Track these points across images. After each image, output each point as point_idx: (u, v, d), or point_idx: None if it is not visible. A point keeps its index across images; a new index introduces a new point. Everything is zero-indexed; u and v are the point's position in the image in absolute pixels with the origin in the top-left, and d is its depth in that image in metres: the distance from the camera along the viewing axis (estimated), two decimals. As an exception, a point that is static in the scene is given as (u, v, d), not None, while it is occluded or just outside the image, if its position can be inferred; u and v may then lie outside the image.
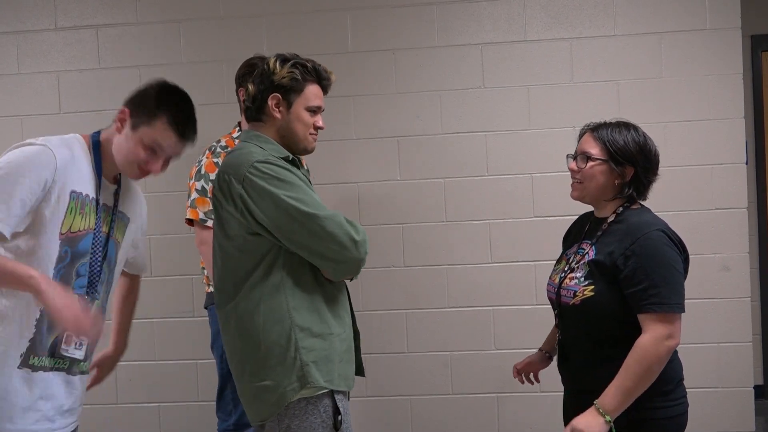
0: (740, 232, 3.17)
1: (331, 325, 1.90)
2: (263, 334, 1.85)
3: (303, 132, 1.99)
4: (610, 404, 1.76)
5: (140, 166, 1.83)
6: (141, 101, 1.83)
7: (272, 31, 3.32)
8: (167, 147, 1.83)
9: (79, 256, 1.79)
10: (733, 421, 3.17)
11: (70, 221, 1.76)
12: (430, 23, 3.28)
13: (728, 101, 3.17)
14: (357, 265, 1.91)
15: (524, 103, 3.25)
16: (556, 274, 2.03)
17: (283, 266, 1.86)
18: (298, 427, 1.84)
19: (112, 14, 3.36)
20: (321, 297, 1.90)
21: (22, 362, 1.72)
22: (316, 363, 1.85)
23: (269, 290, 1.85)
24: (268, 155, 1.87)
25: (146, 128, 1.80)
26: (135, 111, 1.81)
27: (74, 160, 1.78)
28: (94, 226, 1.82)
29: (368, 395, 3.28)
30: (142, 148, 1.81)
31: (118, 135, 1.83)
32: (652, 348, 1.76)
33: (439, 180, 3.28)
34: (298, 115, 1.97)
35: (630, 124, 1.95)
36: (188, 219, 2.68)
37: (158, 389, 3.31)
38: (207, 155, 2.67)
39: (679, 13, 3.20)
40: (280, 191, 1.81)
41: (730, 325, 3.17)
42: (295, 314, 1.85)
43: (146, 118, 1.80)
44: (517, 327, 3.23)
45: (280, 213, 1.81)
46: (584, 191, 1.96)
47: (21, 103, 3.36)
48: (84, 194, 1.79)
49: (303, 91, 1.96)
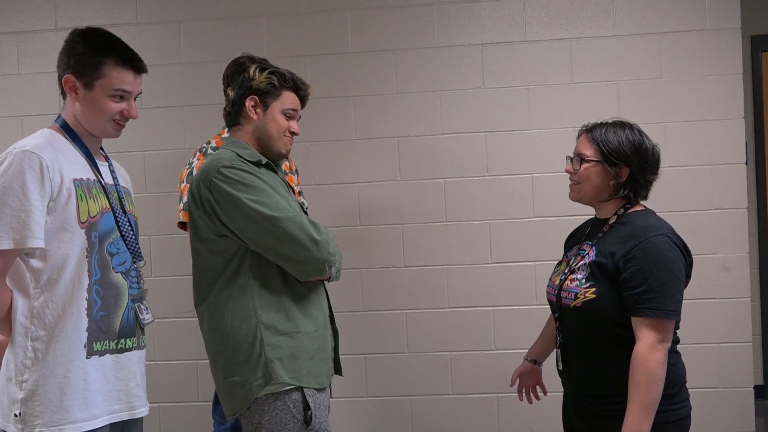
0: (740, 232, 3.16)
1: (299, 324, 1.96)
2: (231, 332, 1.93)
3: (277, 133, 2.07)
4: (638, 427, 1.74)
5: (116, 120, 1.83)
6: (77, 60, 1.79)
7: (272, 31, 3.32)
8: (129, 85, 1.82)
9: (105, 238, 1.81)
10: (733, 421, 3.16)
11: (85, 209, 1.76)
12: (430, 23, 3.28)
13: (728, 101, 3.17)
14: (320, 265, 1.97)
15: (524, 103, 3.25)
16: (557, 275, 2.02)
17: (250, 267, 1.95)
18: (268, 423, 1.91)
19: (112, 14, 3.36)
20: (289, 297, 1.97)
21: (89, 352, 1.76)
22: (281, 360, 1.92)
23: (237, 290, 1.94)
24: (235, 160, 1.96)
25: (101, 80, 1.78)
26: (79, 72, 1.78)
27: (59, 150, 1.77)
28: (107, 205, 1.84)
29: (368, 395, 3.28)
30: (109, 99, 1.80)
31: (75, 104, 1.81)
32: (650, 355, 1.75)
33: (439, 180, 3.28)
34: (273, 117, 2.06)
35: (626, 124, 1.93)
36: (181, 222, 2.65)
37: (158, 389, 3.30)
38: (198, 157, 2.63)
39: (679, 13, 3.20)
40: (243, 195, 1.90)
41: (730, 325, 3.17)
42: (261, 313, 1.93)
43: (94, 71, 1.78)
44: (517, 327, 3.23)
45: (243, 216, 1.90)
46: (581, 192, 1.96)
47: (21, 103, 3.36)
48: (85, 179, 1.79)
49: (280, 96, 2.07)
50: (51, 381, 1.72)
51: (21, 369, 1.72)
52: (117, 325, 1.82)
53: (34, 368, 1.72)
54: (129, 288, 1.86)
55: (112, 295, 1.81)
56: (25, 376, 1.72)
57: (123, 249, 1.86)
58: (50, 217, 1.71)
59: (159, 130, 3.34)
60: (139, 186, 3.19)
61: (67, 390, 1.73)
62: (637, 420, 1.74)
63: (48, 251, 1.72)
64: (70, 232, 1.74)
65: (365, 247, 3.26)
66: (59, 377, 1.72)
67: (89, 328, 1.76)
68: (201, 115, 3.32)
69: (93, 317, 1.77)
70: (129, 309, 1.85)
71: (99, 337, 1.78)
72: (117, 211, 1.87)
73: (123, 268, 1.85)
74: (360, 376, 3.26)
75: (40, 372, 1.72)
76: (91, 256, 1.77)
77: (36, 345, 1.72)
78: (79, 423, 1.74)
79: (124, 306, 1.84)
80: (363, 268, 3.24)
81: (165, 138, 3.34)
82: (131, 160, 3.23)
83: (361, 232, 3.28)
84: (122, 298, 1.84)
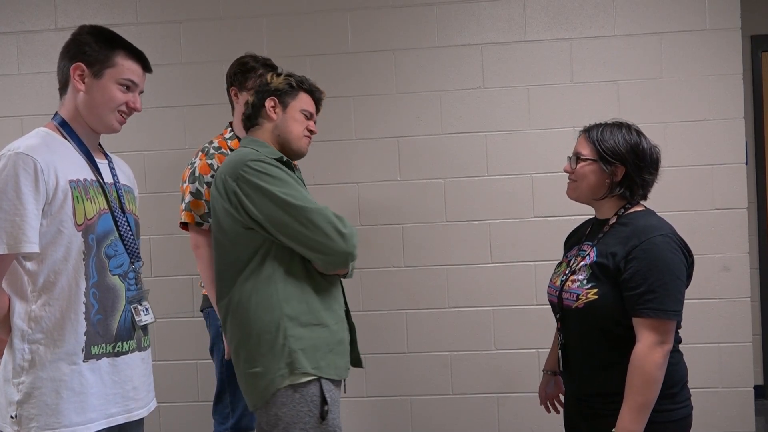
0: (740, 232, 3.17)
1: (321, 317, 2.01)
2: (255, 323, 1.97)
3: (298, 131, 2.15)
4: (629, 426, 1.75)
5: (120, 110, 1.83)
6: (88, 50, 1.79)
7: (272, 31, 3.32)
8: (137, 78, 1.84)
9: (103, 240, 1.79)
10: (733, 421, 3.17)
11: (81, 210, 1.74)
12: (430, 23, 3.29)
13: (728, 101, 3.17)
14: (345, 257, 2.01)
15: (524, 103, 3.25)
16: (557, 276, 2.02)
17: (275, 258, 1.99)
18: (285, 415, 1.94)
19: (112, 14, 3.36)
20: (311, 289, 2.02)
21: (86, 355, 1.75)
22: (304, 351, 1.96)
23: (261, 282, 1.98)
24: (261, 155, 2.01)
25: (110, 69, 1.80)
26: (89, 60, 1.79)
27: (55, 150, 1.74)
28: (105, 206, 1.82)
29: (368, 395, 3.28)
30: (117, 88, 1.80)
31: (80, 94, 1.80)
32: (648, 357, 1.75)
33: (439, 180, 3.28)
34: (293, 115, 2.14)
35: (624, 124, 1.95)
36: (183, 222, 2.65)
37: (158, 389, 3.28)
38: (200, 157, 2.62)
39: (679, 13, 3.20)
40: (271, 186, 1.95)
41: (730, 325, 3.17)
42: (284, 305, 1.97)
43: (105, 59, 1.79)
44: (517, 327, 3.23)
45: (271, 206, 1.94)
46: (577, 190, 1.98)
47: (21, 103, 3.36)
48: (82, 179, 1.77)
49: (298, 96, 2.16)
50: (47, 384, 1.71)
51: (18, 371, 1.71)
52: (114, 328, 1.80)
53: (31, 371, 1.71)
54: (126, 290, 1.84)
55: (109, 298, 1.79)
56: (21, 378, 1.71)
57: (121, 251, 1.84)
58: (45, 220, 1.69)
59: (159, 130, 3.35)
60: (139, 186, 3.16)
61: (63, 393, 1.72)
62: (629, 420, 1.75)
63: (44, 255, 1.70)
64: (67, 235, 1.72)
65: (365, 247, 3.25)
66: (55, 381, 1.71)
67: (87, 331, 1.75)
68: (201, 115, 3.32)
69: (91, 321, 1.75)
70: (126, 311, 1.84)
71: (96, 341, 1.77)
72: (116, 212, 1.85)
73: (120, 270, 1.83)
74: (360, 376, 3.26)
75: (36, 375, 1.71)
76: (88, 259, 1.75)
77: (33, 348, 1.72)
78: (75, 427, 1.73)
79: (121, 309, 1.82)
80: (363, 268, 3.24)
81: (165, 138, 3.35)
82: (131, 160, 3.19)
83: (361, 232, 3.24)
84: (119, 300, 1.82)
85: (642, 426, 1.75)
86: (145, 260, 3.34)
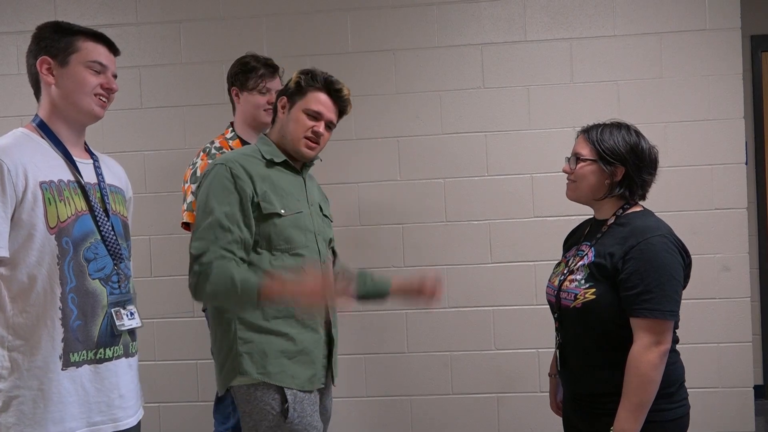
0: (740, 232, 3.17)
1: (276, 324, 1.98)
2: (216, 320, 2.03)
3: (296, 133, 2.07)
4: (626, 426, 1.76)
5: (97, 94, 1.81)
6: (49, 42, 1.79)
7: (272, 31, 3.32)
8: (104, 59, 1.83)
9: (81, 243, 1.73)
10: (733, 421, 3.17)
11: (54, 213, 1.69)
12: (430, 23, 3.29)
13: (728, 101, 3.17)
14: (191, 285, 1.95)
15: (524, 103, 3.25)
16: (556, 276, 2.03)
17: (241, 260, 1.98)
18: (251, 412, 1.97)
19: (112, 14, 3.36)
20: None
21: (64, 363, 1.71)
22: (251, 355, 1.96)
23: None
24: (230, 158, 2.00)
25: (75, 54, 1.78)
26: (52, 51, 1.78)
27: (28, 151, 1.71)
28: (85, 207, 1.76)
29: (368, 395, 3.28)
30: (87, 71, 1.79)
31: (52, 88, 1.78)
32: (644, 357, 1.76)
33: (439, 180, 3.28)
34: (295, 116, 2.08)
35: (623, 124, 1.95)
36: (185, 222, 2.64)
37: (158, 389, 3.30)
38: (202, 157, 2.62)
39: (679, 13, 3.20)
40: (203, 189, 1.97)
41: (730, 325, 3.17)
42: None
43: (67, 46, 1.78)
44: (517, 327, 3.23)
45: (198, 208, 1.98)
46: (577, 191, 1.98)
47: (21, 103, 3.36)
48: (56, 181, 1.72)
49: (305, 95, 2.08)
50: (24, 393, 1.68)
51: None
52: (95, 334, 1.75)
53: (9, 378, 1.68)
54: (109, 294, 1.79)
55: (88, 303, 1.74)
56: (0, 386, 1.68)
57: (103, 253, 1.78)
58: (15, 224, 1.65)
59: (159, 130, 3.35)
60: (139, 186, 3.19)
61: (40, 402, 1.68)
62: (625, 420, 1.76)
63: (16, 259, 1.66)
64: (38, 238, 1.67)
65: (365, 247, 3.26)
66: (33, 389, 1.68)
67: (65, 338, 1.70)
68: (201, 115, 3.32)
69: (69, 327, 1.70)
70: (108, 316, 1.78)
71: (76, 348, 1.72)
72: (97, 213, 1.79)
73: (101, 274, 1.77)
74: (360, 376, 3.26)
75: (14, 383, 1.68)
76: (63, 263, 1.69)
77: (12, 355, 1.68)
78: None
79: (102, 314, 1.77)
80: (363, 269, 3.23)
81: (165, 138, 3.34)
82: (131, 160, 3.23)
83: (361, 232, 3.28)
84: (99, 305, 1.76)
85: (639, 426, 1.76)
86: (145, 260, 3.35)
